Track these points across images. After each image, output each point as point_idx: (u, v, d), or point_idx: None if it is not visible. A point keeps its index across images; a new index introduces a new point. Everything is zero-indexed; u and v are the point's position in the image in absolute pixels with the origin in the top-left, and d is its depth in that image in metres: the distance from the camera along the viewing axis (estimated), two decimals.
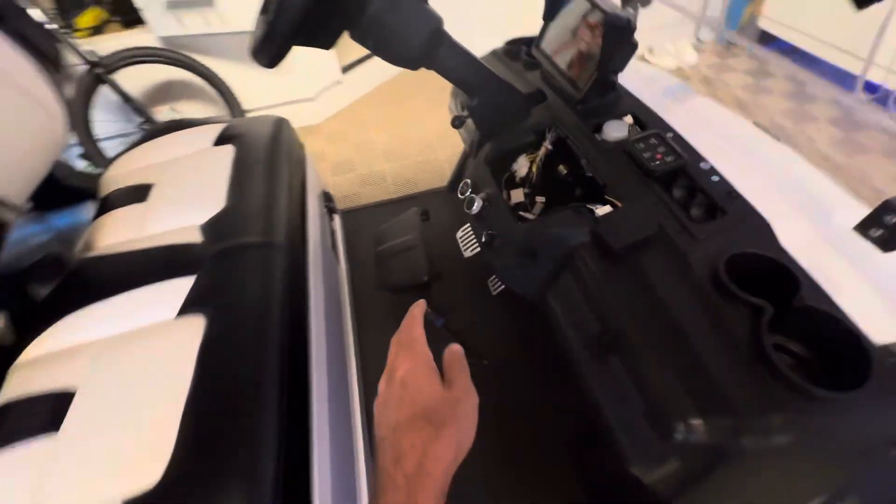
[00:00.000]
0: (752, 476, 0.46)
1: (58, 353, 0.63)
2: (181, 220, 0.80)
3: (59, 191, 0.96)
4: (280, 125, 1.05)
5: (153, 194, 0.86)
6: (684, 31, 2.83)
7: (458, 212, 1.42)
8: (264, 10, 0.72)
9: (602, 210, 0.65)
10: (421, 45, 0.69)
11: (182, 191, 0.86)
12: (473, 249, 1.02)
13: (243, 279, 0.68)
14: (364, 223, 1.35)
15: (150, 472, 0.50)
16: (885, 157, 1.95)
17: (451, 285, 1.14)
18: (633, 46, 0.70)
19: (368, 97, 2.62)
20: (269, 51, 0.60)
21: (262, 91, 2.18)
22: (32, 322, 0.68)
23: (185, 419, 0.55)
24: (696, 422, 0.47)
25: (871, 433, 0.46)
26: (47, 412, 0.56)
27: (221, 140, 0.97)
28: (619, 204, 0.65)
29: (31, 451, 0.53)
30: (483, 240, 0.74)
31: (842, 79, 2.29)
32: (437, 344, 0.39)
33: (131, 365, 0.60)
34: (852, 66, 2.13)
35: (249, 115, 2.16)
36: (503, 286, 1.03)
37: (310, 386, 0.63)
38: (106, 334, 0.65)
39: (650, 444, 0.50)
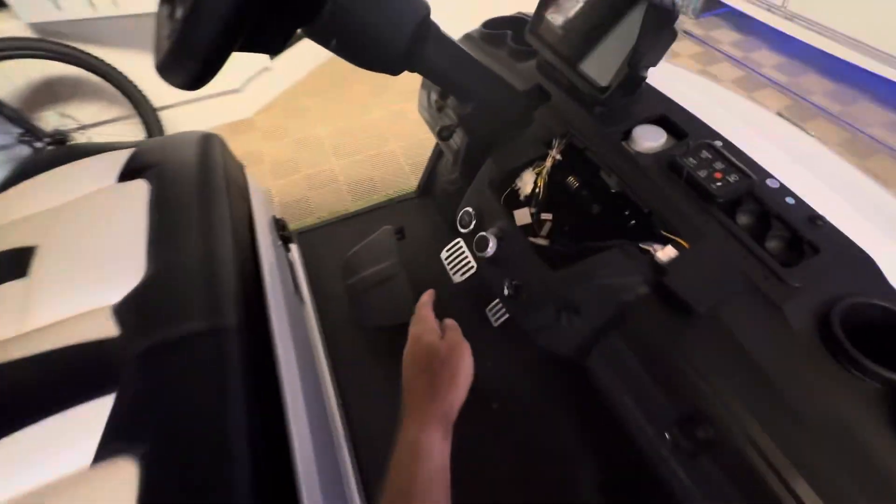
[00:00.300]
0: None
1: None
2: (84, 300, 0.57)
3: None
4: (208, 143, 0.81)
5: (38, 263, 0.61)
6: None
7: (437, 225, 1.25)
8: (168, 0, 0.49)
9: (662, 252, 0.51)
10: (405, 43, 0.50)
11: (81, 255, 0.62)
12: (464, 273, 0.87)
13: (189, 393, 0.48)
14: (325, 246, 1.15)
15: None
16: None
17: (443, 317, 0.98)
18: (674, 35, 0.56)
19: (304, 84, 2.32)
20: (186, 67, 0.39)
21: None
22: None
23: None
24: None
25: None
26: None
27: (129, 173, 0.73)
28: (682, 242, 0.51)
29: None
30: (506, 292, 0.59)
31: (783, 42, 2.32)
32: None
33: None
34: (798, 33, 2.14)
35: (163, 113, 1.82)
36: (507, 315, 0.89)
37: None
38: None
39: None
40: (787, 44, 2.31)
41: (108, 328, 0.54)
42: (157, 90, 1.75)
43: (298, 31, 0.47)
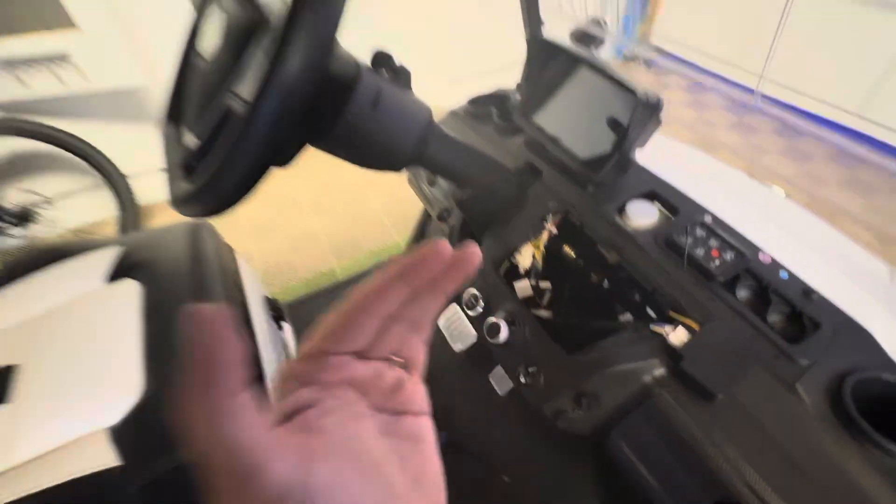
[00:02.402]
0: None
1: None
2: (76, 426, 0.53)
3: None
4: (199, 233, 0.79)
5: (20, 385, 0.57)
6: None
7: None
8: (174, 117, 0.49)
9: (674, 335, 0.52)
10: (411, 149, 0.52)
11: (69, 372, 0.58)
12: (465, 342, 0.86)
13: None
14: (317, 316, 1.12)
15: None
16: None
17: (446, 388, 0.96)
18: (659, 123, 0.60)
19: None
20: (209, 203, 0.38)
21: (141, 152, 1.80)
22: None
23: None
24: None
25: None
26: None
27: (119, 272, 0.70)
28: (691, 324, 0.53)
29: None
30: (522, 380, 0.58)
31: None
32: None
33: None
34: (744, 78, 2.33)
35: (130, 181, 1.77)
36: (512, 385, 0.88)
37: None
38: None
39: None
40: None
41: (106, 457, 0.50)
42: (127, 158, 1.71)
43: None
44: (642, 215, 0.64)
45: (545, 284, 0.76)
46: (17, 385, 0.57)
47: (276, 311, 0.94)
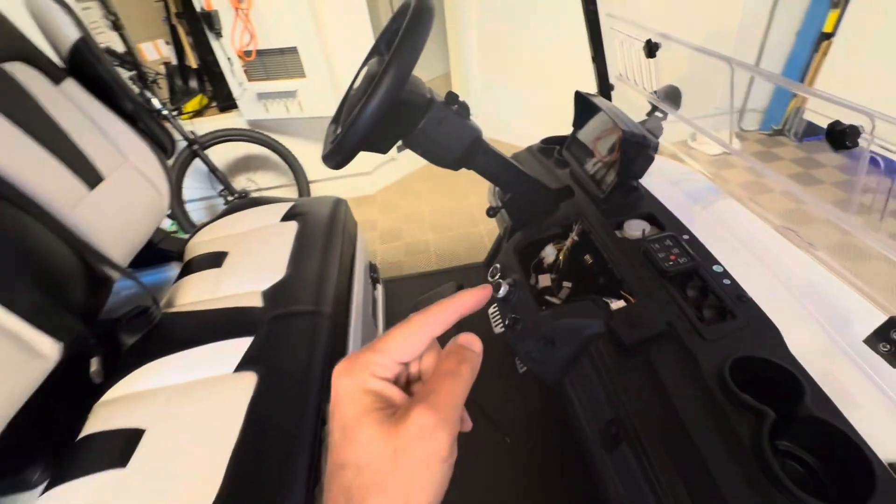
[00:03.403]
0: None
1: (136, 394, 0.74)
2: (247, 285, 0.93)
3: (151, 252, 1.13)
4: (338, 205, 1.20)
5: (227, 261, 1.01)
6: (726, 120, 2.90)
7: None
8: (335, 121, 0.88)
9: (616, 304, 0.70)
10: (462, 153, 0.81)
11: (251, 260, 1.00)
12: (502, 327, 1.08)
13: (292, 344, 0.78)
14: (404, 292, 1.45)
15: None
16: None
17: (482, 360, 1.19)
18: (650, 158, 0.79)
19: (419, 172, 2.85)
20: (337, 158, 0.74)
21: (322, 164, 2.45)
22: (119, 365, 0.80)
23: (232, 461, 0.63)
24: None
25: None
26: (119, 448, 0.66)
27: (288, 217, 1.13)
28: (632, 299, 0.70)
29: (103, 482, 0.63)
30: (507, 322, 0.81)
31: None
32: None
33: (192, 412, 0.70)
34: None
35: (314, 184, 2.42)
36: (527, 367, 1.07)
37: None
38: (176, 382, 0.76)
39: None
40: None
41: (257, 302, 0.88)
42: (313, 169, 2.36)
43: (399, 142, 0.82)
44: (634, 229, 0.82)
45: (567, 284, 0.96)
46: (225, 261, 1.01)
47: (375, 275, 1.30)
